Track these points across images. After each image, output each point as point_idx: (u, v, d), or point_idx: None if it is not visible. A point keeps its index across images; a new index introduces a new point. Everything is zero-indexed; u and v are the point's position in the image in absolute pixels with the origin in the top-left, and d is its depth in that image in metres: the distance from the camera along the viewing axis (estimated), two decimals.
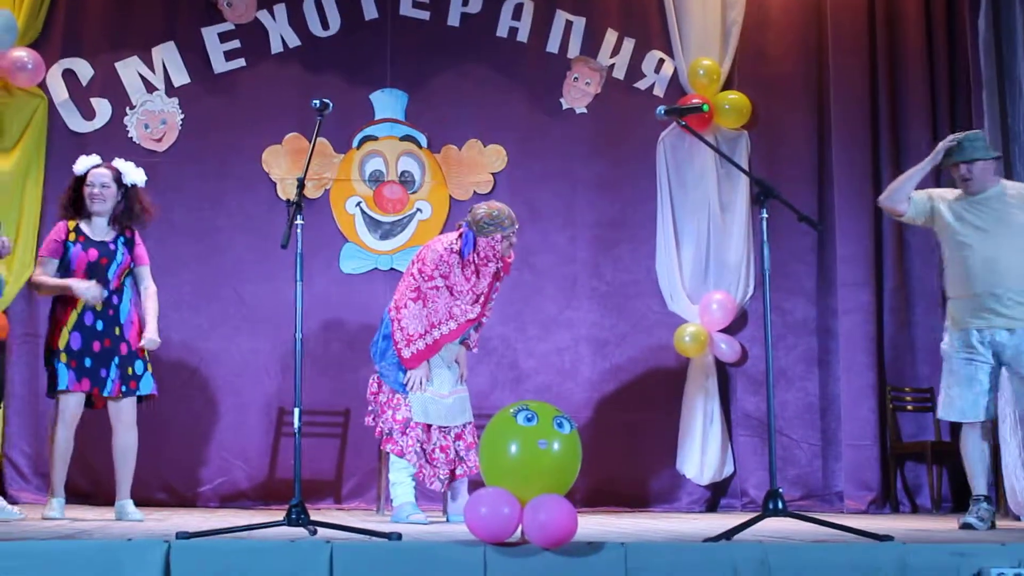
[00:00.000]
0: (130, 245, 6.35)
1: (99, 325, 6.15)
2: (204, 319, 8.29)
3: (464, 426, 6.43)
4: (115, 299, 6.23)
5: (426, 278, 6.27)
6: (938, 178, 7.66)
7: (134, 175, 6.36)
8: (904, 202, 6.31)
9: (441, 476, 6.30)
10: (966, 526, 5.86)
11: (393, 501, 6.38)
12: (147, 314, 6.35)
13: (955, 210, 6.22)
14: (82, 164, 6.37)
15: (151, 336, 6.28)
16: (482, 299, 6.42)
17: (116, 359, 6.17)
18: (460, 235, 6.35)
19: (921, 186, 6.33)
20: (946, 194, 6.34)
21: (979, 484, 6.10)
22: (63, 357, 6.07)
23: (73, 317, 6.11)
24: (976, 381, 6.06)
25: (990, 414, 6.10)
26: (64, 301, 6.14)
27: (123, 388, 6.18)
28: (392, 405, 6.36)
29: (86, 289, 6.07)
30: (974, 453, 6.13)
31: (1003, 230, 6.07)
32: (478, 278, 6.36)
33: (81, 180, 6.31)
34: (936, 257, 8.55)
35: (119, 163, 6.38)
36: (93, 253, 6.19)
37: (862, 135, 8.74)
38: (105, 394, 6.16)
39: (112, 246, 6.26)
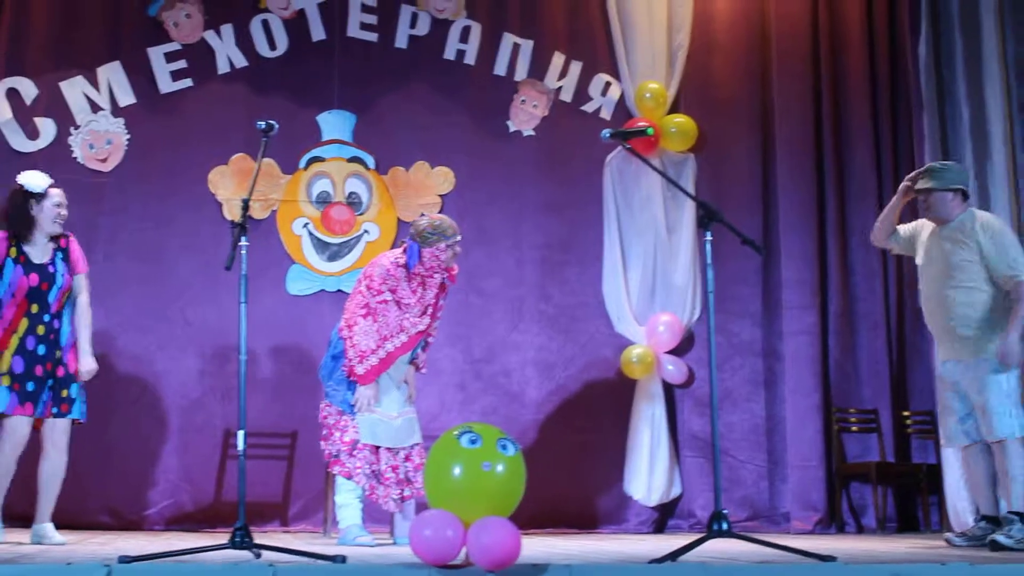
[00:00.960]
0: (67, 258, 6.26)
1: (40, 350, 6.07)
2: (150, 340, 8.22)
3: (412, 447, 6.41)
4: (56, 323, 6.15)
5: (374, 293, 6.28)
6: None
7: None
8: (886, 240, 6.57)
9: (393, 496, 6.27)
10: (995, 545, 5.83)
11: (340, 523, 6.36)
12: (80, 338, 6.24)
13: (924, 242, 6.40)
14: (40, 180, 6.21)
15: (89, 367, 6.22)
16: (430, 310, 6.42)
17: (51, 381, 6.10)
18: (404, 249, 6.40)
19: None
20: (926, 229, 6.47)
21: (983, 505, 6.26)
22: (5, 380, 5.98)
23: (15, 341, 6.03)
24: (951, 409, 6.27)
25: (973, 438, 6.21)
26: (4, 324, 6.03)
27: (55, 410, 6.10)
28: (339, 427, 6.32)
29: None
30: (968, 477, 6.39)
31: (952, 262, 6.20)
32: (424, 289, 6.38)
33: (33, 196, 6.16)
34: (878, 283, 8.71)
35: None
36: (34, 278, 6.09)
37: (806, 158, 8.84)
38: (38, 414, 6.07)
39: (51, 268, 6.16)
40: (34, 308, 6.08)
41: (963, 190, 6.31)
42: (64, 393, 6.13)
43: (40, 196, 6.19)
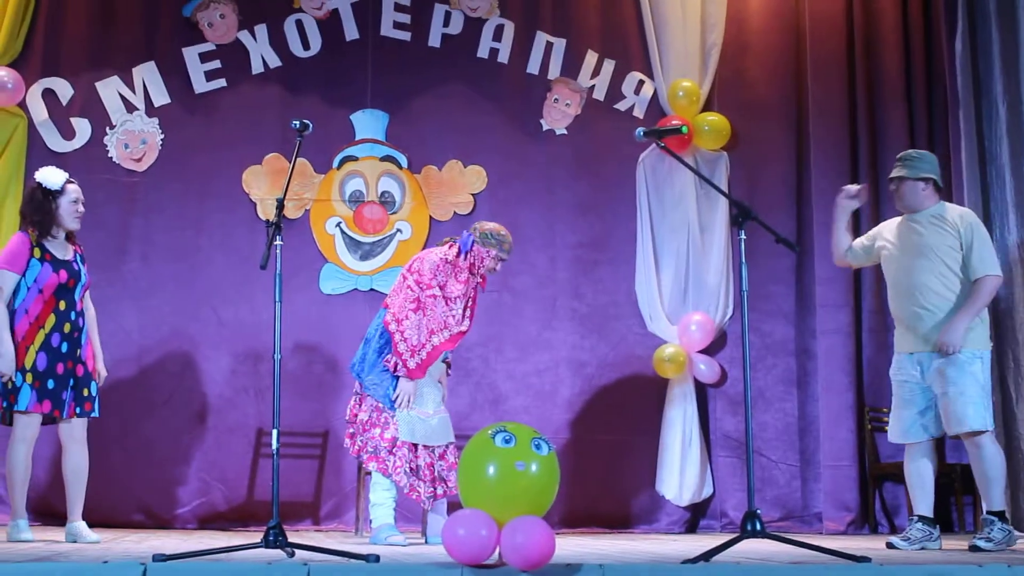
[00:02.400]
0: (84, 262, 6.32)
1: (64, 347, 6.12)
2: (184, 339, 8.26)
3: (447, 446, 6.42)
4: (80, 321, 6.21)
5: (424, 287, 6.33)
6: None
7: None
8: (844, 257, 6.59)
9: (427, 495, 6.27)
10: (975, 549, 5.85)
11: (373, 522, 6.35)
12: (96, 345, 6.35)
13: (892, 232, 6.37)
14: (56, 176, 6.21)
15: (103, 372, 6.33)
16: (467, 312, 6.45)
17: (72, 380, 6.14)
18: (451, 244, 6.50)
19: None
20: (891, 223, 6.48)
21: (918, 504, 6.21)
22: (28, 377, 6.00)
23: (40, 337, 6.06)
24: (911, 402, 6.21)
25: (931, 433, 6.20)
26: (31, 319, 6.06)
27: (77, 409, 6.15)
28: (379, 423, 6.31)
29: (6, 365, 5.98)
30: (915, 474, 6.27)
31: (922, 251, 6.16)
32: (464, 289, 6.43)
33: (53, 193, 6.18)
34: None
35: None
36: (63, 274, 6.12)
37: (841, 156, 8.78)
38: (64, 416, 6.11)
39: (76, 266, 6.22)
40: (61, 304, 6.12)
41: (935, 180, 6.27)
42: (85, 392, 6.19)
43: (57, 193, 6.19)
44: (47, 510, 7.84)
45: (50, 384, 6.05)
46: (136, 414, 8.10)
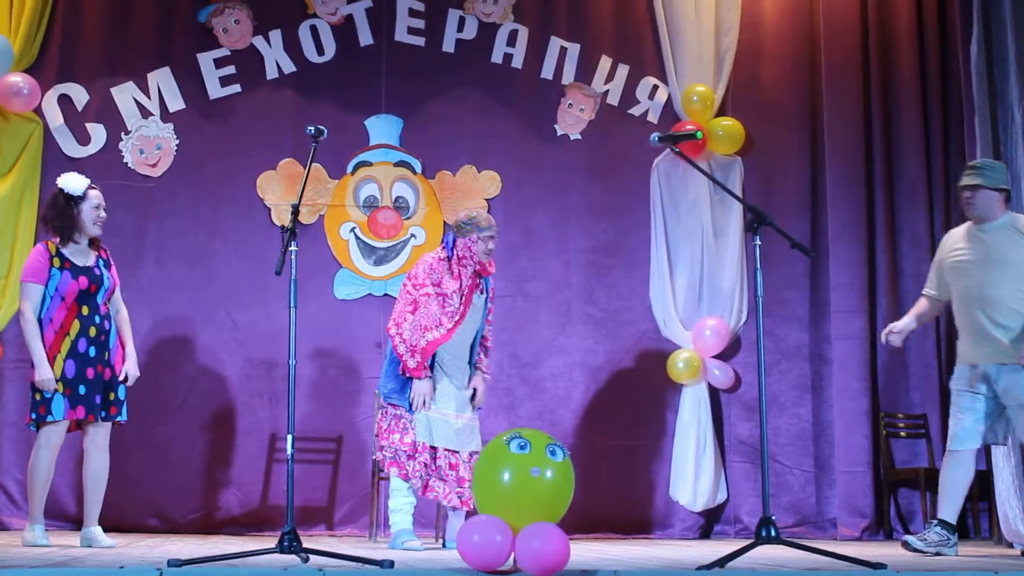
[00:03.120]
0: (108, 267, 6.31)
1: (91, 351, 6.10)
2: (198, 344, 8.28)
3: (471, 454, 6.46)
4: (106, 324, 6.19)
5: (418, 287, 6.50)
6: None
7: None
8: (933, 309, 6.61)
9: (447, 496, 6.34)
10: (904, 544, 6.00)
11: (392, 527, 6.44)
12: (128, 345, 6.33)
13: (961, 241, 6.31)
14: (78, 183, 6.20)
15: (134, 372, 6.29)
16: (464, 301, 6.52)
17: (102, 384, 6.14)
18: (443, 243, 6.69)
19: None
20: (948, 242, 6.46)
21: (943, 509, 6.19)
22: (60, 386, 5.99)
23: (67, 345, 6.05)
24: (972, 410, 6.16)
25: (988, 440, 6.21)
26: (56, 327, 6.07)
27: (103, 413, 6.15)
28: (398, 429, 6.39)
29: (46, 381, 5.97)
30: (951, 479, 6.21)
31: (996, 262, 6.12)
32: (460, 283, 6.53)
33: (75, 199, 6.18)
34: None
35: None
36: (84, 281, 6.10)
37: (856, 161, 8.76)
38: (100, 419, 6.11)
39: (97, 271, 6.20)
40: (84, 310, 6.11)
41: (1008, 191, 6.27)
42: (112, 396, 6.18)
43: (79, 199, 6.19)
44: (60, 514, 7.87)
45: (81, 390, 6.05)
46: (151, 419, 8.12)
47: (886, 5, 8.94)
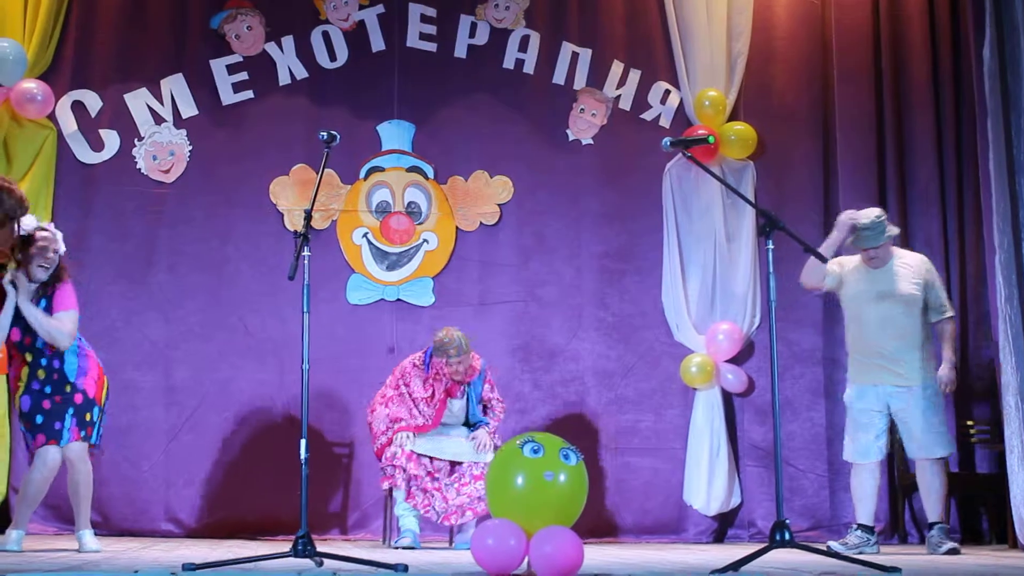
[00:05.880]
0: (50, 304, 6.19)
1: (47, 389, 6.21)
2: (211, 350, 8.29)
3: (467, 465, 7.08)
4: (56, 363, 6.23)
5: (392, 387, 7.29)
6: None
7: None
8: (823, 280, 7.02)
9: (437, 507, 6.95)
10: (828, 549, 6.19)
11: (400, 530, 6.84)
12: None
13: (856, 276, 6.95)
14: (30, 222, 6.12)
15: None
16: (437, 407, 7.23)
17: (71, 409, 6.20)
18: (425, 351, 7.34)
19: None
20: (847, 261, 7.08)
21: (860, 514, 6.85)
22: (23, 421, 6.21)
23: (22, 386, 6.21)
24: (871, 426, 6.81)
25: (885, 453, 7.00)
26: (14, 365, 6.22)
27: (82, 434, 6.22)
28: (388, 444, 7.16)
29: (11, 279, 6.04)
30: (861, 489, 6.88)
31: (894, 296, 6.81)
32: (432, 395, 7.23)
33: (27, 241, 6.10)
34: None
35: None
36: (16, 333, 6.14)
37: (868, 165, 8.74)
38: (62, 444, 6.16)
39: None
40: (28, 356, 6.22)
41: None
42: (87, 417, 6.27)
43: (26, 240, 6.12)
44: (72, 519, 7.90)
45: (38, 419, 6.16)
46: (163, 424, 8.14)
47: (898, 9, 8.92)
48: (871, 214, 6.89)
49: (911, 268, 6.94)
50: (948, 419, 8.35)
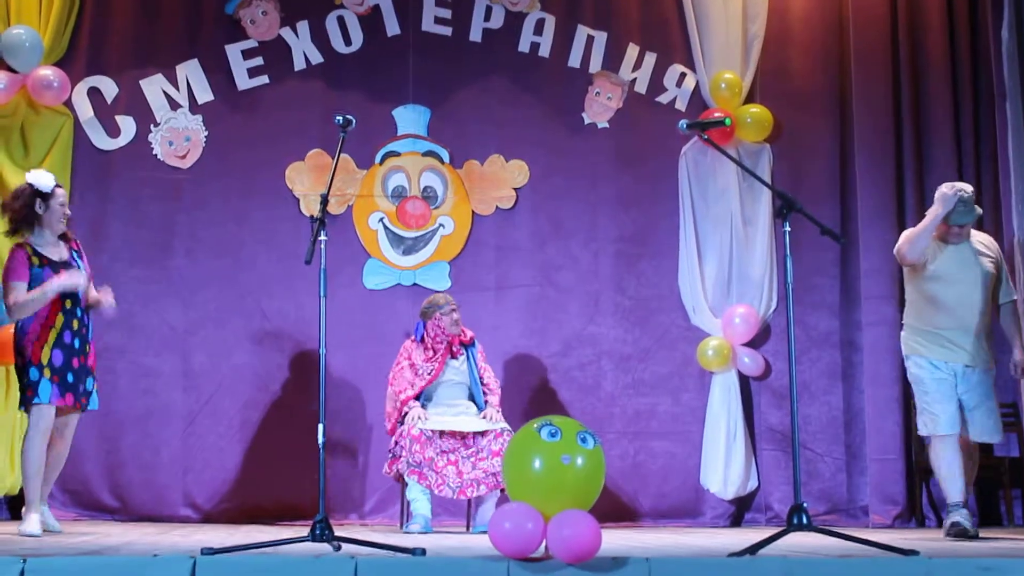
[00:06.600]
0: (81, 257, 6.40)
1: (75, 343, 6.24)
2: (228, 334, 8.31)
3: (474, 435, 7.09)
4: (85, 318, 6.34)
5: (395, 364, 7.42)
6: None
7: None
8: (924, 254, 6.62)
9: (451, 484, 6.90)
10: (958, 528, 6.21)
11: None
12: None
13: (935, 252, 6.63)
14: (46, 179, 6.25)
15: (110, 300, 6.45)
16: (438, 362, 7.34)
17: (85, 373, 6.30)
18: (415, 327, 7.49)
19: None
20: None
21: (954, 491, 6.46)
22: (46, 372, 6.11)
23: (52, 336, 6.17)
24: (949, 397, 6.48)
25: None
26: (42, 320, 6.16)
27: (79, 402, 6.29)
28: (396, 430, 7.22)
29: (74, 279, 6.14)
30: (951, 464, 6.49)
31: (973, 274, 6.53)
32: (434, 354, 7.33)
33: (41, 195, 6.22)
34: None
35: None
36: (63, 274, 6.21)
37: (885, 147, 8.71)
38: (90, 408, 6.30)
39: (73, 263, 6.30)
40: (67, 303, 6.24)
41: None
42: (82, 387, 6.31)
43: (47, 195, 6.25)
44: (92, 503, 7.95)
45: (69, 378, 6.19)
46: (181, 409, 8.17)
47: None
48: (968, 188, 6.61)
49: (986, 247, 6.70)
50: None
